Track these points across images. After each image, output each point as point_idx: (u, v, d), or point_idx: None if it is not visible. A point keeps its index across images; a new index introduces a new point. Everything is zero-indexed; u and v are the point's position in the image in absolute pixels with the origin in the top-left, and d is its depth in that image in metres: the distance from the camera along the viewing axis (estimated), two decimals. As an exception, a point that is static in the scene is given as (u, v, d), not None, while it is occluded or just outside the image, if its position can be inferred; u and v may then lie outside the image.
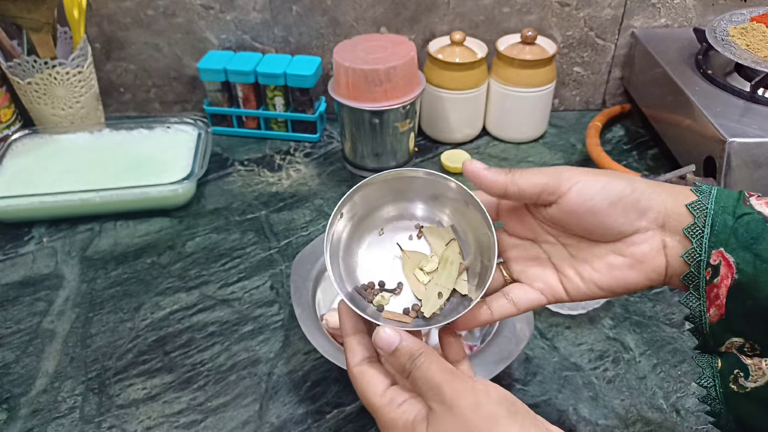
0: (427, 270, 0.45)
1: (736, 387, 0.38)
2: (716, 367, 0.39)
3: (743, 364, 0.38)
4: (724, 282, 0.37)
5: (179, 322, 0.68)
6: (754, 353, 0.38)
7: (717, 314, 0.38)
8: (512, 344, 0.55)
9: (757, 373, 0.38)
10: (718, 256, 0.37)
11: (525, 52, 0.88)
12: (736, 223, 0.37)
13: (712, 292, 0.38)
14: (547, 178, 0.40)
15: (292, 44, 0.96)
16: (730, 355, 0.39)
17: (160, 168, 0.84)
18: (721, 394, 0.39)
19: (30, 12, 0.83)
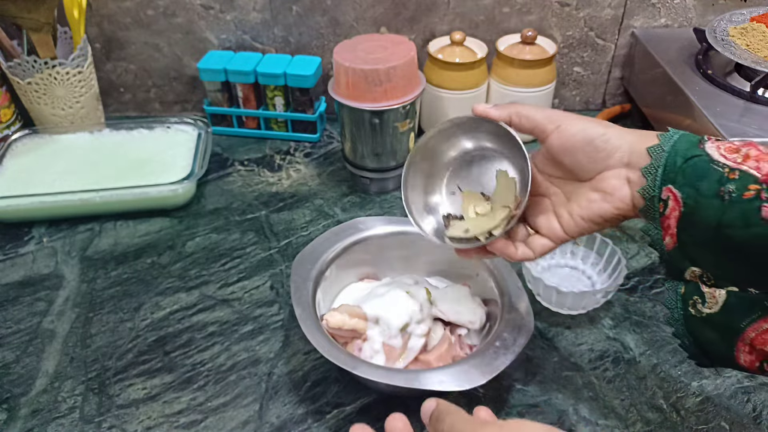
0: (480, 211, 0.56)
1: (695, 311, 0.44)
2: (679, 291, 0.45)
3: (701, 292, 0.43)
4: (673, 214, 0.43)
5: (179, 322, 0.68)
6: (710, 283, 0.43)
7: (671, 242, 0.43)
8: (512, 344, 0.55)
9: (711, 300, 0.43)
10: (668, 192, 0.43)
11: (525, 52, 0.87)
12: (685, 163, 0.42)
13: (665, 223, 0.43)
14: (538, 118, 0.48)
15: (292, 44, 0.96)
16: (692, 283, 0.44)
17: (160, 168, 0.84)
18: (681, 317, 0.45)
19: (30, 12, 0.83)
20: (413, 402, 0.59)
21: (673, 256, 0.44)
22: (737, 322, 0.41)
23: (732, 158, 0.41)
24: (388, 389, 0.58)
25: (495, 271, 0.63)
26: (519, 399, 0.59)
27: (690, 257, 0.43)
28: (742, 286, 0.42)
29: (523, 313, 0.58)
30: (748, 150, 0.40)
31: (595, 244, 0.70)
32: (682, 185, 0.42)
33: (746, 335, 0.41)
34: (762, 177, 0.39)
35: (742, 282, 0.42)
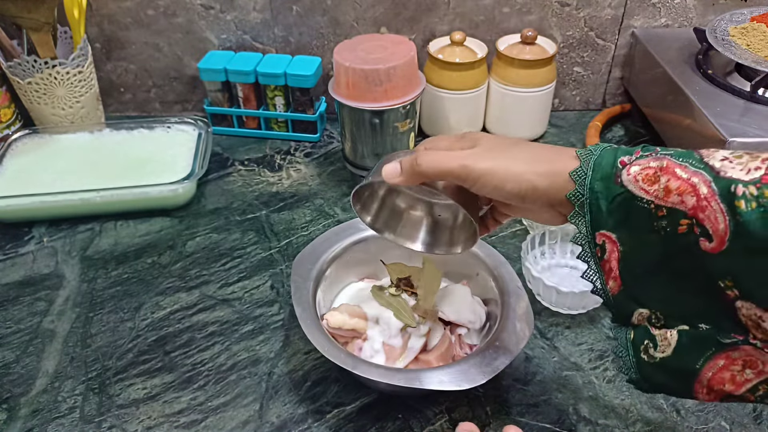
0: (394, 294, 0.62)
1: (647, 357, 0.42)
2: (629, 338, 0.43)
3: (652, 335, 0.42)
4: (612, 256, 0.42)
5: (179, 322, 0.68)
6: (660, 324, 0.42)
7: (616, 286, 0.43)
8: (512, 344, 0.55)
9: (663, 343, 0.41)
10: (602, 236, 0.42)
11: (525, 52, 0.88)
12: (611, 205, 0.41)
13: (606, 267, 0.43)
14: (454, 174, 0.45)
15: (292, 44, 0.96)
16: (641, 327, 0.43)
17: (160, 168, 0.84)
18: (634, 364, 0.43)
19: (30, 12, 0.83)
20: (413, 401, 0.59)
21: (618, 301, 0.43)
22: (692, 363, 0.40)
23: (654, 192, 0.39)
24: (389, 389, 0.58)
25: (495, 271, 0.63)
26: (519, 399, 0.59)
27: (636, 298, 0.42)
28: (694, 321, 0.40)
29: (523, 313, 0.58)
30: (667, 181, 0.38)
31: (595, 243, 0.70)
32: (614, 227, 0.41)
33: (702, 376, 0.39)
34: (689, 210, 0.37)
35: (693, 316, 0.40)
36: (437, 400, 0.59)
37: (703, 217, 0.36)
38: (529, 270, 0.67)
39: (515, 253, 0.73)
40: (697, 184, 0.37)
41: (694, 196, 0.37)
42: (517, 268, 0.67)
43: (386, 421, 0.58)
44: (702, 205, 0.36)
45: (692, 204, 0.37)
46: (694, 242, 0.37)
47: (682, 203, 0.37)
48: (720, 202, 0.35)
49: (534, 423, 0.57)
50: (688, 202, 0.37)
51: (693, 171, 0.37)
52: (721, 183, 0.36)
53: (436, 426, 0.57)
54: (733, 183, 0.35)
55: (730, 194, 0.35)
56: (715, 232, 0.36)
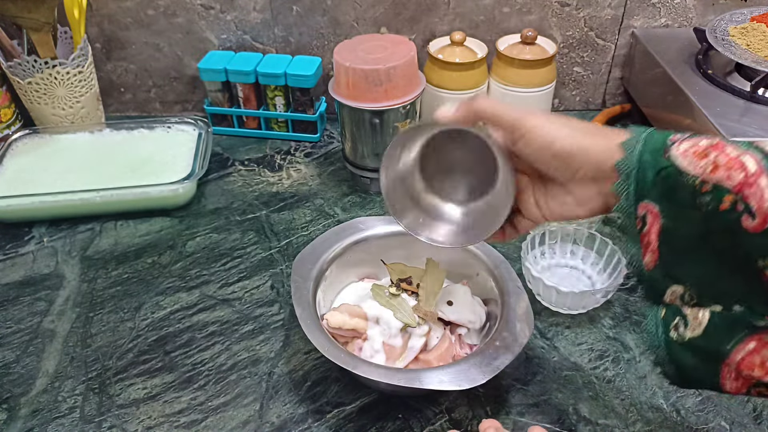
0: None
1: (677, 336, 0.41)
2: (659, 315, 0.42)
3: (683, 314, 0.41)
4: (653, 229, 0.41)
5: (180, 322, 0.68)
6: (693, 302, 0.41)
7: (652, 260, 0.41)
8: (512, 344, 0.55)
9: (694, 322, 0.40)
10: (644, 207, 0.41)
11: (525, 52, 0.88)
12: (657, 177, 0.40)
13: (645, 240, 0.41)
14: (504, 122, 0.46)
15: (292, 44, 0.96)
16: (673, 305, 0.42)
17: (160, 168, 0.84)
18: (663, 341, 0.42)
19: (30, 12, 0.83)
20: (413, 401, 0.59)
21: (653, 276, 0.42)
22: (722, 344, 0.39)
23: (702, 167, 0.38)
24: (389, 389, 0.58)
25: (495, 271, 0.63)
26: (519, 399, 0.59)
27: (672, 274, 0.41)
28: (728, 301, 0.40)
29: (523, 313, 0.58)
30: (716, 156, 0.38)
31: (595, 243, 0.71)
32: (657, 199, 0.41)
33: (732, 359, 0.39)
34: (734, 187, 0.37)
35: (728, 296, 0.40)
36: (437, 400, 0.59)
37: (749, 194, 0.36)
38: (529, 270, 0.67)
39: (515, 253, 0.73)
40: (746, 161, 0.37)
41: (743, 172, 0.37)
42: (517, 268, 0.67)
43: (386, 421, 0.58)
44: (749, 182, 0.36)
45: (739, 180, 0.37)
46: (736, 219, 0.37)
47: (729, 179, 0.37)
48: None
49: (534, 423, 0.57)
50: (735, 177, 0.37)
51: (743, 150, 0.38)
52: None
53: (436, 426, 0.57)
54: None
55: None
56: (759, 209, 0.36)
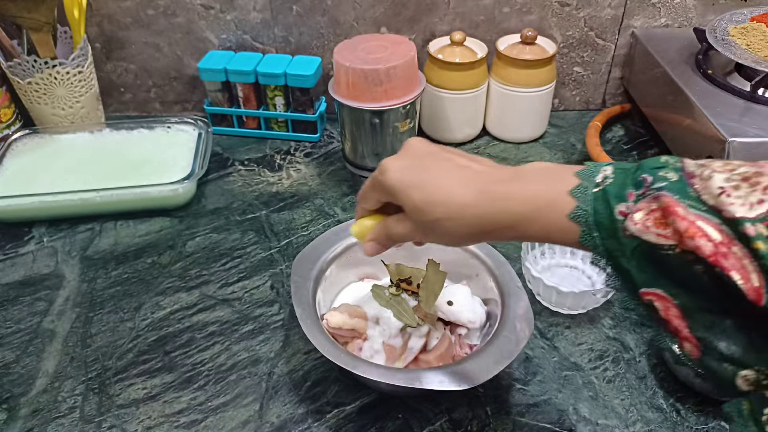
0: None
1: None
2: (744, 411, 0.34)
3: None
4: (671, 313, 0.35)
5: (179, 322, 0.68)
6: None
7: (694, 347, 0.35)
8: (512, 344, 0.55)
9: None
10: (646, 295, 0.36)
11: (525, 52, 0.88)
12: (634, 260, 0.35)
13: (671, 327, 0.35)
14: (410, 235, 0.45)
15: (292, 44, 0.96)
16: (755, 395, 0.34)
17: (160, 168, 0.84)
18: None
19: (30, 12, 0.83)
20: (413, 401, 0.59)
21: (707, 364, 0.34)
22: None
23: (671, 234, 0.34)
24: (389, 389, 0.58)
25: (495, 271, 0.63)
26: (519, 399, 0.59)
27: (725, 356, 0.34)
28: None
29: (523, 313, 0.58)
30: (673, 222, 0.33)
31: (595, 243, 0.70)
32: (652, 282, 0.35)
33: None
34: (709, 258, 0.32)
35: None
36: (437, 400, 0.59)
37: (728, 265, 0.31)
38: (529, 270, 0.67)
39: (515, 253, 0.73)
40: (705, 227, 0.32)
41: (709, 242, 0.32)
42: (517, 268, 0.67)
43: (386, 421, 0.58)
44: (722, 252, 0.32)
45: (710, 251, 0.32)
46: (735, 292, 0.32)
47: (699, 249, 0.32)
48: (743, 247, 0.31)
49: (534, 423, 0.57)
50: (704, 248, 0.32)
51: (695, 214, 0.33)
52: (731, 225, 0.32)
53: (436, 426, 0.57)
54: (739, 223, 0.31)
55: (744, 237, 0.31)
56: (747, 285, 0.31)
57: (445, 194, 0.41)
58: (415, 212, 0.42)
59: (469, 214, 0.41)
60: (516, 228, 0.40)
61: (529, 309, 0.59)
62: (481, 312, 0.62)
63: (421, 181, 0.42)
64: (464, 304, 0.61)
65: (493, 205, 0.40)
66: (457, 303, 0.61)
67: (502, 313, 0.59)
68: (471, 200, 0.41)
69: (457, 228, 0.41)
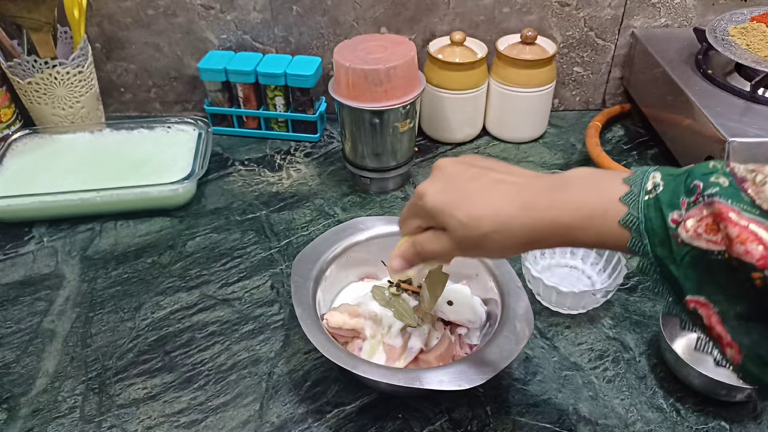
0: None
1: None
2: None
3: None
4: (713, 320, 0.36)
5: (180, 322, 0.68)
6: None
7: (736, 353, 0.35)
8: (512, 344, 0.55)
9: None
10: (691, 302, 0.36)
11: (525, 52, 0.88)
12: (683, 267, 0.36)
13: (714, 334, 0.36)
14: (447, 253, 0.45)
15: (292, 44, 0.96)
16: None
17: (160, 168, 0.84)
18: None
19: (30, 12, 0.83)
20: (413, 401, 0.59)
21: (748, 370, 0.35)
22: None
23: (722, 241, 0.34)
24: (389, 388, 0.58)
25: (495, 271, 0.63)
26: (519, 399, 0.59)
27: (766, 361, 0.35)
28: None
29: (523, 313, 0.58)
30: (725, 228, 0.34)
31: (595, 243, 0.70)
32: (698, 290, 0.36)
33: None
34: (757, 263, 0.32)
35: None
36: (437, 400, 0.59)
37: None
38: (529, 270, 0.67)
39: (515, 253, 0.73)
40: (758, 231, 0.32)
41: (760, 245, 0.32)
42: (517, 268, 0.67)
43: (386, 421, 0.58)
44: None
45: (760, 254, 0.32)
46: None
47: (748, 254, 0.32)
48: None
49: (534, 423, 0.57)
50: (754, 252, 0.32)
51: (748, 218, 0.33)
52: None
53: (436, 426, 0.57)
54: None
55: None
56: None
57: (491, 208, 0.42)
58: (460, 229, 0.43)
59: (518, 224, 0.41)
60: (566, 236, 0.40)
61: (529, 309, 0.59)
62: (481, 312, 0.62)
63: (463, 199, 0.43)
64: (464, 304, 0.61)
65: (542, 216, 0.40)
66: (457, 303, 0.61)
67: (502, 313, 0.59)
68: (518, 212, 0.41)
69: (506, 240, 0.41)
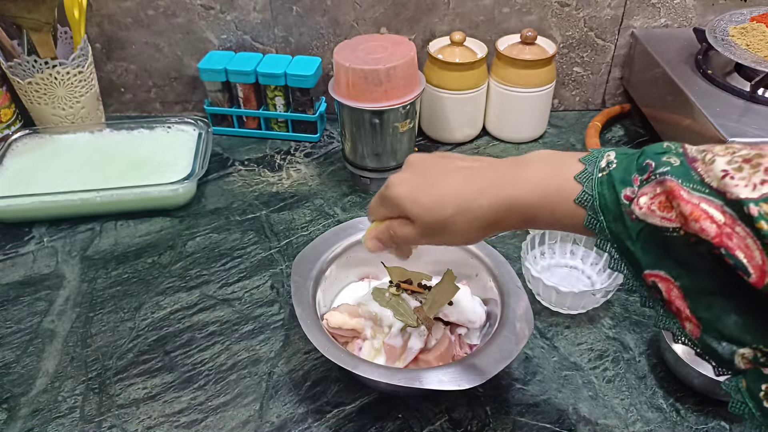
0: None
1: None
2: (742, 388, 0.36)
3: (766, 376, 0.34)
4: (672, 294, 0.36)
5: (180, 322, 0.68)
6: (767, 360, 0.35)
7: (695, 327, 0.36)
8: (512, 344, 0.55)
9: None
10: (649, 276, 0.37)
11: (525, 52, 0.88)
12: (639, 242, 0.37)
13: (673, 308, 0.37)
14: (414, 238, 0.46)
15: (292, 44, 0.96)
16: (752, 371, 0.35)
17: (160, 168, 0.84)
18: (760, 418, 0.35)
19: (30, 12, 0.83)
20: (413, 401, 0.59)
21: (706, 343, 0.36)
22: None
23: (676, 218, 0.35)
24: (389, 388, 0.58)
25: (495, 271, 0.63)
26: (519, 399, 0.59)
27: (725, 335, 0.35)
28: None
29: (523, 313, 0.58)
30: (678, 206, 0.34)
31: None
32: (655, 264, 0.36)
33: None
34: (714, 240, 0.33)
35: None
36: (437, 400, 0.59)
37: (733, 245, 0.32)
38: (529, 270, 0.67)
39: (515, 253, 0.73)
40: (708, 209, 0.33)
41: (713, 223, 0.33)
42: (517, 268, 0.67)
43: (386, 421, 0.58)
44: (726, 232, 0.32)
45: (714, 232, 0.33)
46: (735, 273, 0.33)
47: (703, 231, 0.33)
48: (745, 227, 0.32)
49: (534, 423, 0.57)
50: (709, 230, 0.33)
51: (698, 196, 0.34)
52: (734, 206, 0.33)
53: (436, 426, 0.57)
54: (743, 204, 0.32)
55: (747, 217, 0.32)
56: (752, 264, 0.32)
57: (452, 192, 0.43)
58: (424, 215, 0.44)
59: (478, 205, 0.42)
60: (524, 215, 0.41)
61: (528, 309, 0.59)
62: (481, 312, 0.62)
63: (427, 186, 0.44)
64: (464, 304, 0.61)
65: (501, 194, 0.41)
66: (457, 303, 0.61)
67: (502, 313, 0.59)
68: (478, 193, 0.42)
69: (468, 222, 0.42)
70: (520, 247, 0.70)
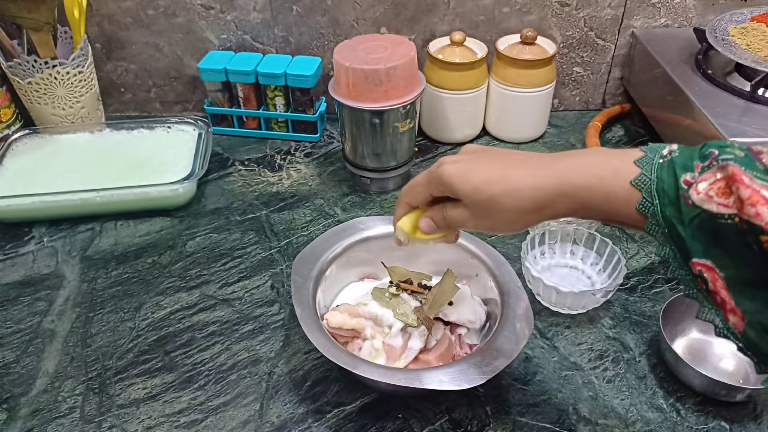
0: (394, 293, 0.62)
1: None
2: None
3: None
4: (717, 285, 0.36)
5: (180, 322, 0.68)
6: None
7: (738, 320, 0.36)
8: (512, 344, 0.55)
9: None
10: (697, 265, 0.37)
11: (525, 52, 0.88)
12: (689, 230, 0.37)
13: (717, 299, 0.37)
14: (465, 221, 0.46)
15: (292, 44, 0.96)
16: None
17: (160, 168, 0.84)
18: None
19: (30, 12, 0.83)
20: (413, 401, 0.59)
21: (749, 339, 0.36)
22: None
23: (733, 204, 0.35)
24: (389, 388, 0.58)
25: (495, 271, 0.63)
26: (519, 399, 0.59)
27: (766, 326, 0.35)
28: None
29: (523, 313, 0.58)
30: (737, 190, 0.34)
31: (595, 243, 0.71)
32: (703, 253, 0.36)
33: None
34: (766, 227, 0.33)
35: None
36: (437, 400, 0.59)
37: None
38: (529, 270, 0.67)
39: (515, 253, 0.73)
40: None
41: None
42: (517, 268, 0.67)
43: (386, 421, 0.58)
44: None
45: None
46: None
47: (758, 216, 0.33)
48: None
49: (534, 423, 0.57)
50: (764, 215, 0.33)
51: (760, 183, 0.34)
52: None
53: (436, 426, 0.57)
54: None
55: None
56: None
57: (502, 172, 0.43)
58: (473, 194, 0.44)
59: (526, 185, 0.42)
60: (575, 198, 0.41)
61: (529, 309, 0.59)
62: (481, 312, 0.62)
63: (477, 167, 0.44)
64: (464, 304, 0.61)
65: (553, 176, 0.41)
66: (457, 303, 0.61)
67: (502, 313, 0.59)
68: (526, 173, 0.42)
69: (515, 203, 0.42)
70: (520, 247, 0.70)
